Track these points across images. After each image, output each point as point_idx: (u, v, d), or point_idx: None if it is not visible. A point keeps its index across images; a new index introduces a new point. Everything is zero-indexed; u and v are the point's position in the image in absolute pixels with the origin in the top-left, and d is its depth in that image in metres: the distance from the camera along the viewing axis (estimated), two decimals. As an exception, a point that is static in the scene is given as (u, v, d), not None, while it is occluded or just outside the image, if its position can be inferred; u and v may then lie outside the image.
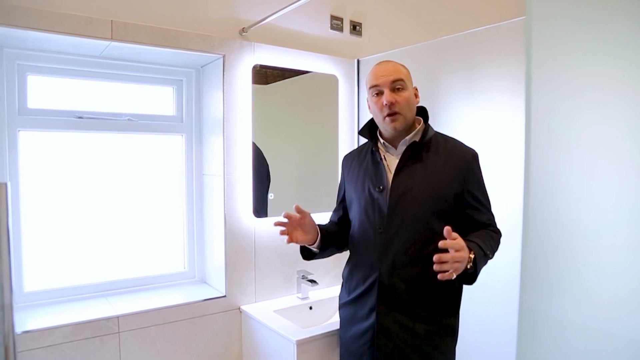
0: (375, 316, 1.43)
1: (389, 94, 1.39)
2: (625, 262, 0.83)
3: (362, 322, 1.47)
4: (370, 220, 1.45)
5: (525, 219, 0.94)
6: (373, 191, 1.45)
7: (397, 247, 1.40)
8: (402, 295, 1.40)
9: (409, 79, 1.44)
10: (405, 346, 1.40)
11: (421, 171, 1.41)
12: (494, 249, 1.37)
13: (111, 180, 1.98)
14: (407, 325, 1.40)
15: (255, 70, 2.03)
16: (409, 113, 1.42)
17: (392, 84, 1.40)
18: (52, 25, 1.59)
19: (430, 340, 1.41)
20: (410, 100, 1.42)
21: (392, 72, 1.41)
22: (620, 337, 0.84)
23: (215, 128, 2.02)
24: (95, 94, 1.93)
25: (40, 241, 1.84)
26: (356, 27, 2.38)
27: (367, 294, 1.46)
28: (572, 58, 0.90)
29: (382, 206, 1.42)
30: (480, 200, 1.43)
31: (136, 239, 2.05)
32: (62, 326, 1.63)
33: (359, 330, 1.48)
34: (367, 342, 1.45)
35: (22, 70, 1.76)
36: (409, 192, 1.40)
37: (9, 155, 1.74)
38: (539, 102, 0.92)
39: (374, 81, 1.43)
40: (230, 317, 2.00)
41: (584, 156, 0.88)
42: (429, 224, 1.38)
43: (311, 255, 1.56)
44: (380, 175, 1.45)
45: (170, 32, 1.82)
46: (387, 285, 1.41)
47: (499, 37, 1.69)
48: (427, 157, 1.43)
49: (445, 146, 1.46)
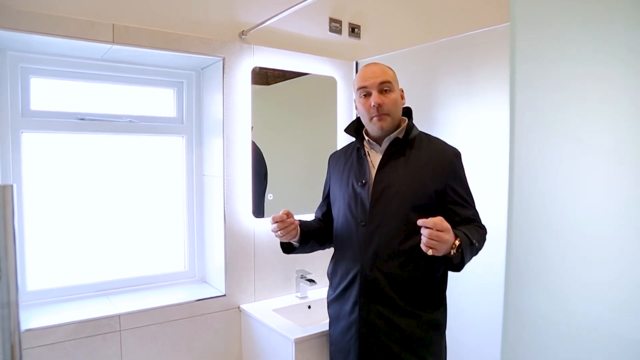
0: (358, 310, 1.45)
1: (377, 95, 1.43)
2: (614, 261, 0.84)
3: (347, 317, 1.49)
4: (353, 214, 1.48)
5: (509, 217, 0.95)
6: (356, 186, 1.49)
7: (379, 241, 1.43)
8: (384, 288, 1.42)
9: (395, 81, 1.48)
10: (388, 340, 1.42)
11: (403, 167, 1.44)
12: (480, 240, 1.39)
13: (112, 181, 2.00)
14: (390, 318, 1.42)
15: (256, 71, 2.06)
16: (396, 114, 1.47)
17: (379, 86, 1.43)
18: (55, 29, 1.61)
19: (413, 333, 1.42)
20: (397, 102, 1.47)
21: (380, 75, 1.44)
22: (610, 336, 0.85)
23: (215, 129, 2.05)
24: (97, 96, 1.95)
25: (43, 241, 1.87)
26: (355, 29, 2.40)
27: (350, 288, 1.48)
28: (556, 57, 0.91)
29: (365, 200, 1.45)
30: (463, 196, 1.45)
31: (137, 239, 2.07)
32: (65, 324, 1.66)
33: (345, 326, 1.50)
34: (352, 337, 1.47)
35: (26, 72, 1.79)
36: (391, 186, 1.43)
37: (12, 156, 1.77)
38: (523, 100, 0.94)
39: (362, 82, 1.46)
40: (230, 316, 2.03)
41: (568, 154, 0.89)
42: (409, 219, 1.39)
43: (290, 249, 1.59)
44: (363, 171, 1.49)
45: (170, 35, 1.84)
46: (368, 279, 1.43)
47: (496, 39, 1.71)
48: (409, 153, 1.46)
49: (428, 145, 1.49)
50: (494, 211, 1.63)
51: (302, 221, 1.58)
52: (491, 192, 1.67)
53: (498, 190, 1.66)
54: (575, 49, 0.88)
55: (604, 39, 0.84)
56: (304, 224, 1.58)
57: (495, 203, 1.65)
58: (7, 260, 0.67)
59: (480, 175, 1.67)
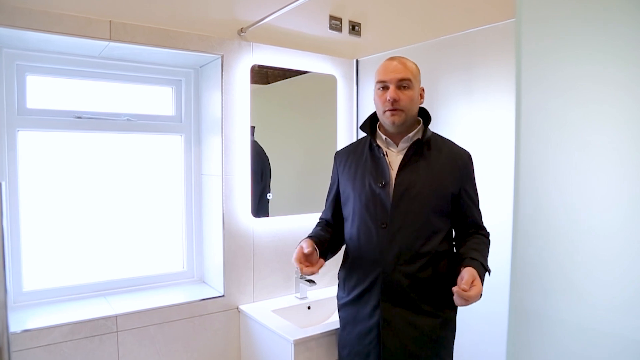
0: (379, 313, 1.43)
1: (393, 90, 1.42)
2: (618, 262, 0.83)
3: (366, 320, 1.47)
4: (372, 216, 1.46)
5: (515, 218, 0.94)
6: (374, 187, 1.46)
7: (401, 243, 1.42)
8: (406, 290, 1.42)
9: (416, 79, 1.47)
10: (410, 342, 1.42)
11: (424, 168, 1.45)
12: (487, 255, 1.46)
13: (110, 180, 1.98)
14: (412, 321, 1.42)
15: (255, 70, 2.04)
16: (410, 111, 1.45)
17: (398, 82, 1.42)
18: (51, 26, 1.59)
19: (434, 335, 1.43)
20: (414, 99, 1.45)
21: (401, 71, 1.43)
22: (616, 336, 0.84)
23: (213, 128, 2.03)
24: (94, 94, 1.93)
25: (39, 240, 1.85)
26: (355, 27, 2.38)
27: (370, 291, 1.46)
28: (562, 58, 0.90)
29: (385, 202, 1.43)
30: (473, 198, 1.50)
31: (135, 238, 2.05)
32: (61, 325, 1.64)
33: (363, 329, 1.48)
34: (372, 340, 1.45)
35: (22, 70, 1.77)
36: (413, 188, 1.42)
37: (8, 155, 1.75)
38: (529, 101, 0.93)
39: (381, 76, 1.45)
40: (229, 317, 2.00)
41: (574, 155, 0.89)
42: (429, 221, 1.43)
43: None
44: (382, 171, 1.46)
45: (168, 32, 1.82)
46: (390, 281, 1.42)
47: (496, 37, 1.69)
48: (429, 155, 1.47)
49: (443, 146, 1.50)
50: (498, 211, 1.61)
51: (316, 239, 1.51)
52: (494, 192, 1.66)
53: (501, 189, 1.65)
54: (582, 50, 0.88)
55: (610, 40, 0.84)
56: (319, 242, 1.50)
57: (498, 203, 1.63)
58: (-4, 260, 0.65)
59: (482, 174, 1.65)
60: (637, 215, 0.81)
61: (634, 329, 0.81)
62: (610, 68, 0.84)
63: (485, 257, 1.42)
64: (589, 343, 0.87)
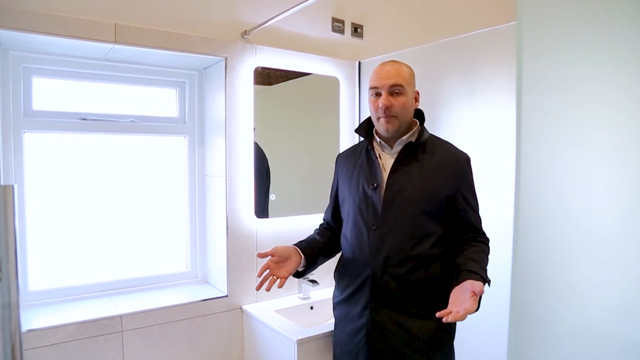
0: (368, 313, 1.44)
1: (385, 97, 1.41)
2: (618, 263, 0.84)
3: (355, 320, 1.49)
4: (364, 217, 1.47)
5: (516, 218, 0.95)
6: (367, 189, 1.47)
7: (390, 245, 1.42)
8: (394, 292, 1.42)
9: (409, 84, 1.44)
10: (399, 342, 1.42)
11: (417, 171, 1.43)
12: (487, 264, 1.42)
13: (115, 181, 2.00)
14: (400, 322, 1.42)
15: (258, 71, 2.05)
16: (404, 117, 1.44)
17: (390, 88, 1.41)
18: (57, 29, 1.61)
19: (423, 337, 1.42)
20: (407, 105, 1.43)
21: (393, 76, 1.41)
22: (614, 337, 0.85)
23: (217, 129, 2.04)
24: (99, 96, 1.95)
25: (44, 241, 1.86)
26: (357, 29, 2.39)
27: (360, 291, 1.47)
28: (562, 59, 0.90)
29: (376, 204, 1.44)
30: (471, 203, 1.46)
31: (139, 239, 2.07)
32: (67, 325, 1.65)
33: (353, 328, 1.49)
34: (361, 340, 1.46)
35: (28, 72, 1.79)
36: (404, 191, 1.42)
37: (14, 156, 1.76)
38: (529, 101, 0.93)
39: (374, 82, 1.44)
40: (232, 317, 2.02)
41: (574, 155, 0.89)
42: (420, 224, 1.41)
43: (300, 274, 1.60)
44: (374, 173, 1.47)
45: (172, 34, 1.84)
46: (379, 283, 1.43)
47: (499, 39, 1.70)
48: (422, 157, 1.45)
49: (439, 149, 1.48)
50: (498, 212, 1.62)
51: (305, 243, 1.57)
52: (495, 193, 1.66)
53: (502, 191, 1.65)
54: (582, 50, 0.88)
55: (610, 41, 0.84)
56: (307, 246, 1.56)
57: (499, 204, 1.64)
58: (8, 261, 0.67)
59: (484, 175, 1.66)
60: (637, 215, 0.81)
61: (634, 330, 0.81)
62: (609, 68, 0.84)
63: (484, 267, 1.37)
64: (589, 344, 0.87)
